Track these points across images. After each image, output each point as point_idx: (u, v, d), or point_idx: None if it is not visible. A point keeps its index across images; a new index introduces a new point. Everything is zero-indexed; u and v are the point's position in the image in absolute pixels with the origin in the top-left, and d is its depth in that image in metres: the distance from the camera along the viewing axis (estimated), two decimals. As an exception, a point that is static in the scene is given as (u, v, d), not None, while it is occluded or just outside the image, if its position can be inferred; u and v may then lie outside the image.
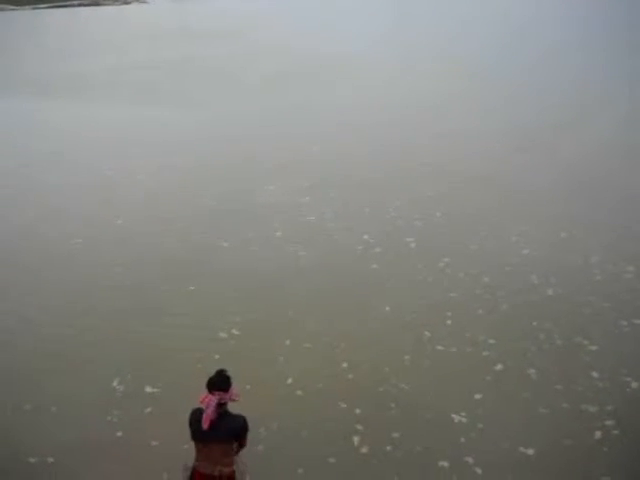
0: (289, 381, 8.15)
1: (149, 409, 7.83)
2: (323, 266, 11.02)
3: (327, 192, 14.11)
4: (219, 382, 5.56)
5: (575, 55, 29.48)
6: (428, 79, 25.95)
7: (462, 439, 7.25)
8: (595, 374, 8.16)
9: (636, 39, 32.94)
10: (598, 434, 7.23)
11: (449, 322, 9.38)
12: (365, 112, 21.05)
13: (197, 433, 5.61)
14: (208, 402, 5.49)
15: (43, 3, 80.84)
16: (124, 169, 16.30)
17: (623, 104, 21.10)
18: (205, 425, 5.50)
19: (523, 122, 19.40)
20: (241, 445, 5.85)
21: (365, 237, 12.00)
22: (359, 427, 7.42)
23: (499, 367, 8.39)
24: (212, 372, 5.64)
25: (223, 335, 9.21)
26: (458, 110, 20.94)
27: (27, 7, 78.83)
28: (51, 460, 7.13)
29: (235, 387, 5.67)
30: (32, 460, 7.13)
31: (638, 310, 9.53)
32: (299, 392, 7.97)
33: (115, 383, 8.30)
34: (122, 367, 8.57)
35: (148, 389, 8.16)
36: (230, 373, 5.69)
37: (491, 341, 8.91)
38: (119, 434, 7.46)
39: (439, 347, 8.84)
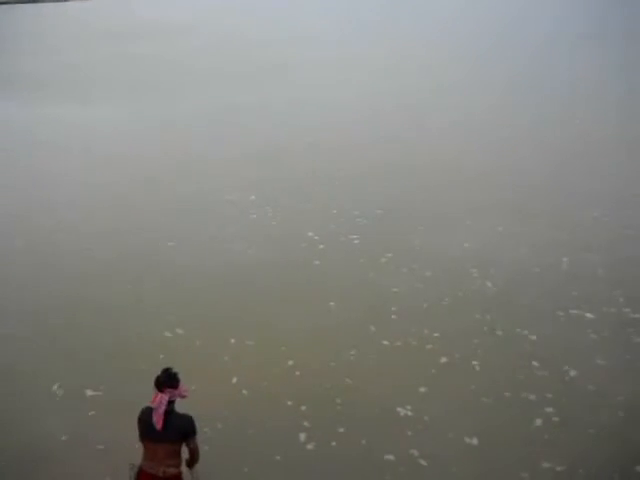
0: (234, 380, 8.10)
1: (92, 412, 7.68)
2: (267, 264, 10.99)
3: (272, 190, 14.07)
4: (168, 379, 5.53)
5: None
6: (376, 78, 26.12)
7: (408, 432, 7.32)
8: (535, 363, 8.34)
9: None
10: (539, 421, 7.39)
11: (394, 317, 9.47)
12: (312, 111, 21.07)
13: (146, 432, 5.56)
14: (159, 401, 5.46)
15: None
16: (60, 166, 15.94)
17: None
18: (158, 425, 5.46)
19: (470, 114, 19.72)
20: (192, 455, 5.78)
21: (309, 234, 12.02)
22: (305, 424, 7.42)
23: (444, 360, 8.51)
24: (157, 372, 5.57)
25: (168, 334, 9.11)
26: (399, 107, 21.12)
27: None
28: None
29: (183, 383, 5.65)
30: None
31: (573, 300, 9.78)
32: (244, 391, 7.93)
33: (55, 387, 8.10)
34: (62, 370, 8.38)
35: (89, 392, 7.99)
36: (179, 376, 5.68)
37: (435, 334, 9.03)
38: (64, 438, 7.30)
39: (384, 342, 8.91)
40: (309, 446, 7.16)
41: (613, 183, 14.21)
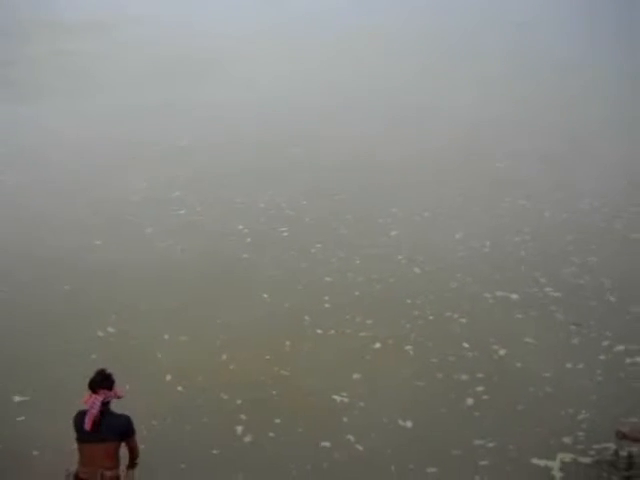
0: (169, 377, 8.03)
1: (21, 418, 7.49)
2: (198, 259, 10.90)
3: (197, 186, 13.92)
4: (102, 380, 5.51)
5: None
6: (303, 73, 26.05)
7: (344, 419, 7.43)
8: (466, 345, 8.58)
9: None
10: (470, 401, 7.61)
11: (327, 306, 9.56)
12: (236, 108, 20.90)
13: (81, 435, 5.49)
14: (93, 402, 5.41)
15: None
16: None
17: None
18: (88, 426, 5.40)
19: (390, 104, 19.90)
20: (132, 453, 5.76)
21: (238, 228, 11.97)
22: (242, 417, 7.43)
23: (377, 345, 8.65)
24: (90, 373, 5.55)
25: (100, 334, 8.96)
26: (326, 98, 21.16)
27: None
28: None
29: (118, 384, 5.64)
30: None
31: (498, 283, 10.06)
32: (179, 387, 7.88)
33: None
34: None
35: (17, 398, 7.77)
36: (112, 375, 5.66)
37: (368, 321, 9.15)
38: None
39: (319, 331, 8.99)
40: (246, 438, 7.17)
41: (539, 168, 14.56)
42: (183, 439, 7.14)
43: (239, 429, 7.29)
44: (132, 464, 5.79)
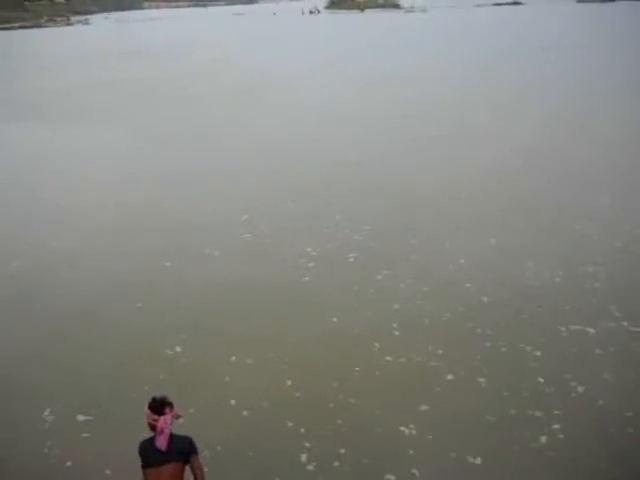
0: (233, 401, 7.96)
1: (86, 435, 7.55)
2: (266, 282, 10.88)
3: (264, 210, 13.95)
4: (163, 402, 5.53)
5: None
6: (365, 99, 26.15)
7: (410, 451, 7.17)
8: (541, 379, 8.19)
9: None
10: (544, 439, 7.23)
11: (397, 333, 9.33)
12: (300, 130, 21.09)
13: (148, 459, 5.47)
14: (164, 422, 5.44)
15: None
16: (62, 189, 15.88)
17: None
18: (164, 446, 5.40)
19: (438, 130, 19.76)
20: (197, 475, 5.63)
21: (305, 251, 11.92)
22: (306, 444, 7.28)
23: (449, 377, 8.35)
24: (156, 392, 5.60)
25: (168, 352, 9.01)
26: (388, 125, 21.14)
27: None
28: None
29: (182, 406, 5.77)
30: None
31: (572, 315, 9.63)
32: (244, 412, 7.79)
33: (46, 413, 7.93)
34: (58, 392, 8.24)
35: (81, 417, 7.84)
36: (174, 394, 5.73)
37: (439, 351, 8.88)
38: (68, 464, 7.15)
39: (388, 358, 8.77)
40: (310, 467, 7.02)
41: (608, 196, 14.16)
42: (246, 465, 7.04)
43: (303, 457, 7.14)
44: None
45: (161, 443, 5.43)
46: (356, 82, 28.84)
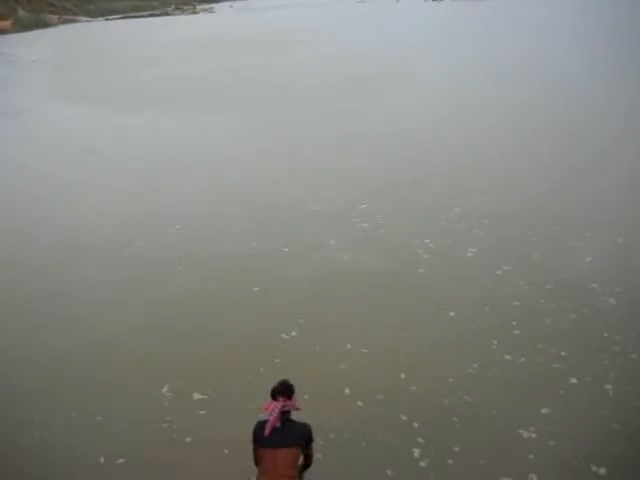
0: (348, 390, 7.92)
1: (204, 412, 7.75)
2: (382, 272, 10.76)
3: (381, 199, 13.81)
4: (282, 389, 5.71)
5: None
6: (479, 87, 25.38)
7: (530, 455, 6.89)
8: (674, 391, 7.66)
9: None
10: (677, 456, 6.76)
11: (517, 332, 8.98)
12: (417, 119, 20.72)
13: (261, 441, 5.62)
14: (272, 408, 5.61)
15: (115, 14, 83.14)
16: (178, 177, 16.33)
17: None
18: (267, 431, 5.55)
19: (561, 124, 18.84)
20: (307, 460, 5.89)
21: (421, 244, 11.68)
22: (420, 440, 7.14)
23: (573, 381, 7.95)
24: (271, 376, 5.81)
25: (284, 337, 9.09)
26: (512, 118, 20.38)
27: (100, 18, 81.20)
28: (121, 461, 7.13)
29: (297, 397, 5.82)
30: (101, 460, 7.15)
31: None
32: (359, 402, 7.73)
33: (165, 390, 8.17)
34: (180, 375, 8.46)
35: (197, 395, 8.03)
36: (289, 378, 5.88)
37: (563, 353, 8.46)
38: (188, 440, 7.37)
39: (507, 357, 8.46)
40: (422, 463, 6.88)
41: None
42: (358, 455, 7.00)
43: (416, 452, 7.01)
44: (302, 470, 5.93)
45: (266, 427, 5.59)
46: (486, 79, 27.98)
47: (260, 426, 5.71)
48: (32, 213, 14.39)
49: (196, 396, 8.00)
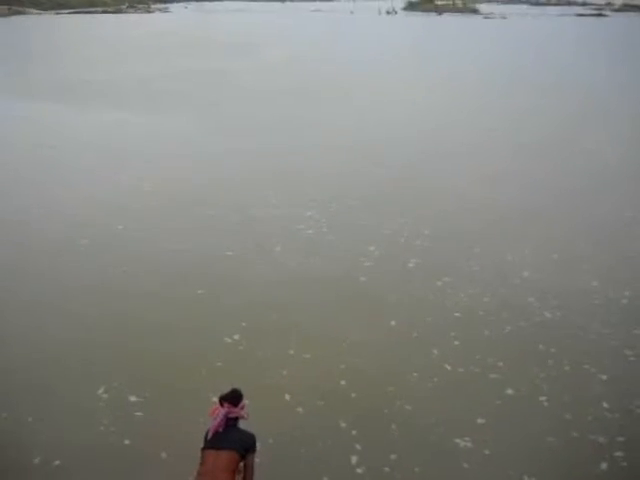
0: (288, 397, 7.91)
1: (139, 413, 7.64)
2: (325, 279, 10.81)
3: (328, 207, 13.87)
4: (229, 396, 5.84)
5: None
6: (428, 97, 25.81)
7: (465, 465, 7.00)
8: (605, 404, 7.87)
9: None
10: (604, 466, 6.95)
11: (456, 342, 9.13)
12: (368, 129, 20.94)
13: (205, 443, 5.72)
14: (217, 413, 5.74)
15: (65, 9, 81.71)
16: (130, 177, 16.11)
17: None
18: (210, 433, 5.68)
19: (522, 141, 19.32)
20: (247, 471, 5.84)
21: (365, 251, 11.78)
22: (358, 447, 7.18)
23: (509, 392, 8.12)
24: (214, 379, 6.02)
25: (227, 340, 9.04)
26: (459, 129, 20.78)
27: (51, 11, 79.68)
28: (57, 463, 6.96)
29: (245, 406, 5.91)
30: (36, 461, 6.98)
31: (637, 339, 9.25)
32: (299, 409, 7.73)
33: (101, 391, 8.02)
34: (116, 375, 8.32)
35: (132, 399, 7.89)
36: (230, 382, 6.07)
37: (500, 364, 8.65)
38: (126, 442, 7.24)
39: (447, 367, 8.59)
40: (359, 470, 6.92)
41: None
42: (297, 461, 7.00)
43: (353, 459, 7.05)
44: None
45: (210, 430, 5.72)
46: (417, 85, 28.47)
47: (208, 431, 5.80)
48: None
49: (133, 398, 7.88)
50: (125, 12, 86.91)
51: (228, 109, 24.00)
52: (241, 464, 5.69)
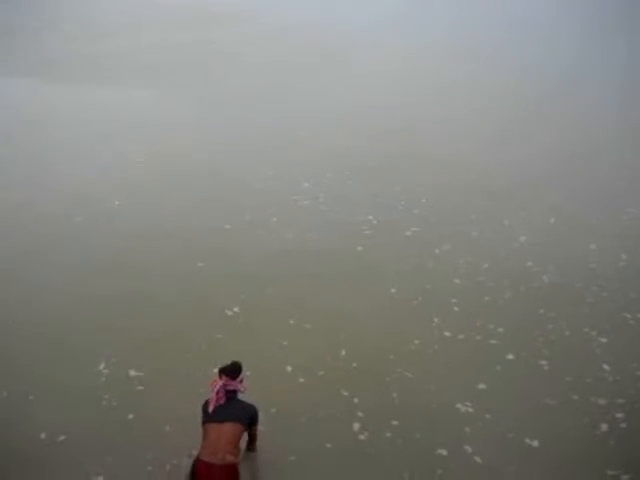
0: (290, 368, 7.97)
1: (141, 387, 7.70)
2: (324, 249, 10.79)
3: (323, 178, 13.77)
4: (227, 369, 5.87)
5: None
6: (427, 66, 25.44)
7: (466, 429, 7.08)
8: (606, 367, 7.95)
9: None
10: (605, 427, 7.04)
11: (456, 309, 9.17)
12: (364, 99, 20.66)
13: (206, 417, 5.78)
14: (214, 385, 5.79)
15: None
16: (122, 152, 15.94)
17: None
18: (210, 407, 5.72)
19: (516, 109, 19.10)
20: (252, 441, 6.23)
21: (363, 220, 11.73)
22: (360, 414, 7.26)
23: (510, 357, 8.18)
24: (214, 352, 5.67)
25: (228, 313, 9.06)
26: (458, 97, 20.53)
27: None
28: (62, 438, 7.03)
29: (244, 379, 5.99)
30: (42, 436, 7.04)
31: (637, 303, 9.29)
32: (301, 379, 7.79)
33: (101, 367, 8.05)
34: (115, 350, 8.36)
35: (132, 372, 7.95)
36: (231, 355, 6.19)
37: (500, 329, 8.70)
38: (130, 417, 7.30)
39: (447, 333, 8.64)
40: (361, 436, 7.00)
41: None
42: (299, 430, 7.07)
43: (356, 426, 7.13)
44: (251, 448, 6.39)
45: (209, 403, 5.80)
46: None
47: (206, 403, 5.86)
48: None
49: (133, 373, 7.92)
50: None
51: (216, 80, 23.66)
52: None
